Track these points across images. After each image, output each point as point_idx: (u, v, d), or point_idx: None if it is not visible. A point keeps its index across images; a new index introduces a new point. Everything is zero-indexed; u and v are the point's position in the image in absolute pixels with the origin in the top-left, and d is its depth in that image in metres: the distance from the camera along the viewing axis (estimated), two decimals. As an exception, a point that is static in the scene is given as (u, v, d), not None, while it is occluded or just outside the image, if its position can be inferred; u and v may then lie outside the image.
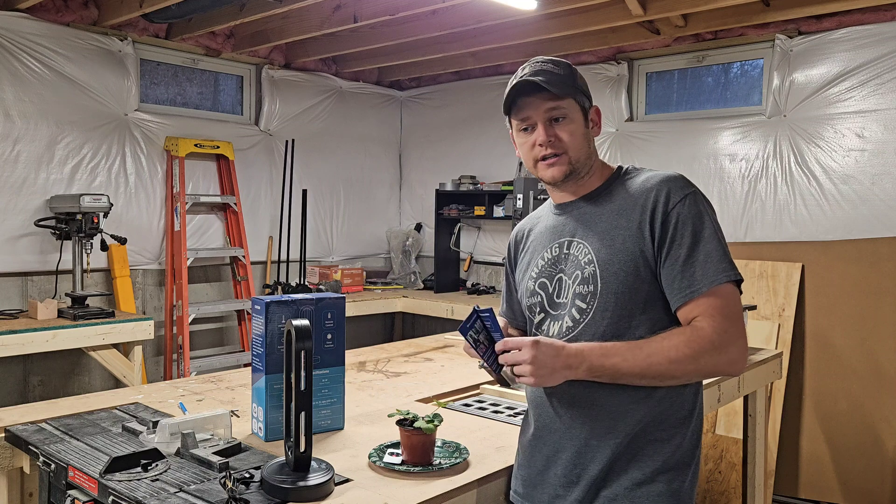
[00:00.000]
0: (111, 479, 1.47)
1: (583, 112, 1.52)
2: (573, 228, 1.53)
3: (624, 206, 1.47)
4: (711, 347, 1.35)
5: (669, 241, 1.40)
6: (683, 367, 1.35)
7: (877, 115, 3.98)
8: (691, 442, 1.47)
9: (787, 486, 3.93)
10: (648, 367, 1.35)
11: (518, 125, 1.53)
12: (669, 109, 4.96)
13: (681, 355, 1.34)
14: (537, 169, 1.52)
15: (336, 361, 1.85)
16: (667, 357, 1.35)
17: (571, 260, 1.50)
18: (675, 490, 1.43)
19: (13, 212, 4.15)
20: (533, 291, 1.57)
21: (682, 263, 1.39)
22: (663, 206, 1.41)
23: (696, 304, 1.38)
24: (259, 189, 5.38)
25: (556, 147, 1.48)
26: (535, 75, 1.47)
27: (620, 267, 1.42)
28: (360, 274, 5.71)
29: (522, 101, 1.49)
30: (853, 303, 3.85)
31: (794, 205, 4.25)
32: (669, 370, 1.35)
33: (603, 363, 1.36)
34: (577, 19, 4.29)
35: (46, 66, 4.25)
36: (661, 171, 1.50)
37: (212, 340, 5.19)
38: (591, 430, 1.45)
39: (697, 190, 1.45)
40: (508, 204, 5.37)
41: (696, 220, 1.40)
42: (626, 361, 1.35)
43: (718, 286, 1.37)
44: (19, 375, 4.28)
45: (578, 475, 1.46)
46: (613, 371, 1.36)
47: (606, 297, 1.43)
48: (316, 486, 1.42)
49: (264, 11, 4.14)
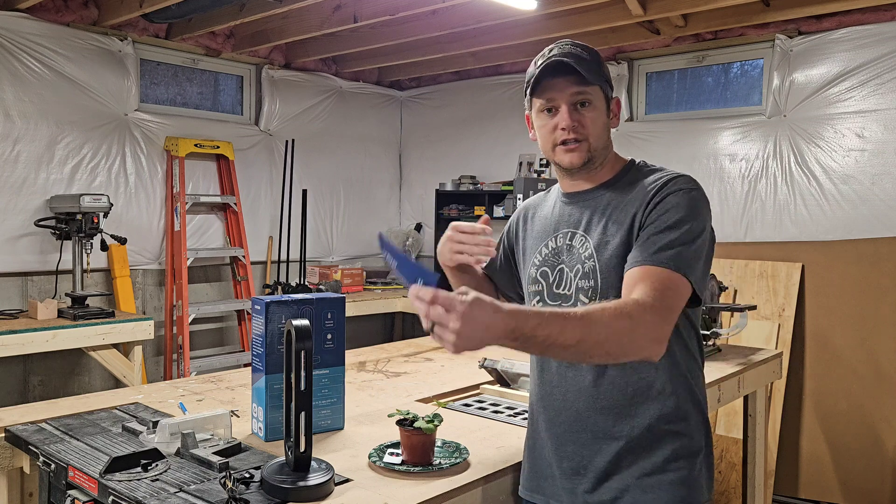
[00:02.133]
0: (111, 479, 1.47)
1: (606, 101, 1.50)
2: (578, 220, 1.52)
3: (626, 200, 1.45)
4: (651, 320, 1.25)
5: (655, 217, 1.38)
6: (619, 340, 1.22)
7: (877, 115, 3.98)
8: (699, 431, 1.47)
9: (787, 486, 3.93)
10: (583, 339, 1.18)
11: (541, 105, 1.48)
12: (669, 109, 4.95)
13: (620, 327, 1.21)
14: (555, 153, 1.49)
15: (336, 361, 1.85)
16: (609, 327, 1.20)
17: (573, 253, 1.50)
18: (685, 478, 1.43)
19: (13, 212, 4.15)
20: (535, 279, 1.57)
21: (651, 235, 1.36)
22: (657, 194, 1.40)
23: (648, 272, 1.31)
24: (259, 189, 5.38)
25: (578, 133, 1.45)
26: (565, 56, 1.44)
27: (618, 262, 1.41)
28: (360, 274, 5.71)
29: (548, 81, 1.45)
30: (853, 303, 3.85)
31: (794, 205, 4.25)
32: (606, 342, 1.20)
33: (536, 333, 1.15)
34: (577, 19, 4.29)
35: (46, 66, 4.25)
36: (674, 171, 1.47)
37: (212, 340, 5.19)
38: (596, 424, 1.45)
39: (701, 192, 1.43)
40: (508, 204, 5.37)
41: (682, 210, 1.37)
42: (563, 331, 1.16)
43: (675, 272, 1.32)
44: (19, 375, 4.28)
45: (585, 467, 1.47)
46: (544, 341, 1.16)
47: (607, 293, 1.42)
48: (316, 486, 1.42)
49: (264, 11, 4.14)
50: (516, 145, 5.52)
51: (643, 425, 1.43)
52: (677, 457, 1.43)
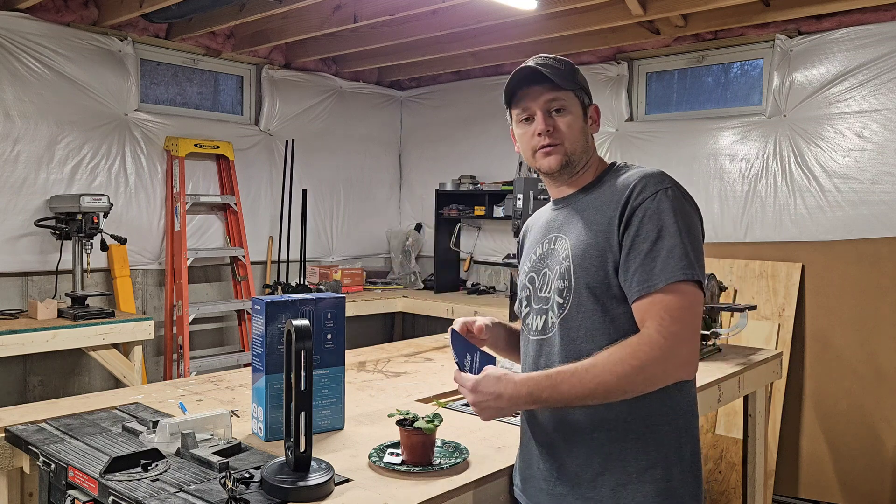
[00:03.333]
0: (111, 479, 1.47)
1: (582, 107, 1.54)
2: (561, 224, 1.55)
3: (603, 201, 1.48)
4: (660, 353, 1.32)
5: (634, 234, 1.39)
6: (631, 380, 1.32)
7: (877, 115, 3.98)
8: (678, 437, 1.44)
9: (787, 486, 3.93)
10: (596, 388, 1.32)
11: (518, 115, 1.54)
12: (669, 109, 4.95)
13: (627, 368, 1.31)
14: (535, 159, 1.54)
15: (336, 361, 1.85)
16: (613, 373, 1.31)
17: (554, 255, 1.53)
18: (665, 489, 1.41)
19: (13, 212, 4.15)
20: (524, 285, 1.61)
21: (643, 257, 1.37)
22: (633, 201, 1.41)
23: (651, 301, 1.35)
24: (259, 189, 5.38)
25: (554, 137, 1.50)
26: (538, 66, 1.50)
27: (591, 262, 1.43)
28: (360, 274, 5.71)
29: (523, 91, 1.52)
30: (853, 303, 3.85)
31: (794, 205, 4.25)
32: (619, 386, 1.32)
33: (543, 390, 1.34)
34: (577, 19, 4.29)
35: (46, 66, 4.25)
36: (643, 168, 1.49)
37: (212, 340, 5.19)
38: (569, 425, 1.45)
39: (674, 186, 1.42)
40: (508, 204, 5.37)
41: (662, 216, 1.38)
42: (572, 387, 1.33)
43: (676, 283, 1.35)
44: (19, 375, 4.28)
45: (558, 469, 1.47)
46: (558, 396, 1.34)
47: (580, 292, 1.44)
48: (316, 486, 1.42)
49: (264, 11, 4.14)
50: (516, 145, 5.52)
51: (617, 427, 1.42)
52: (652, 465, 1.41)
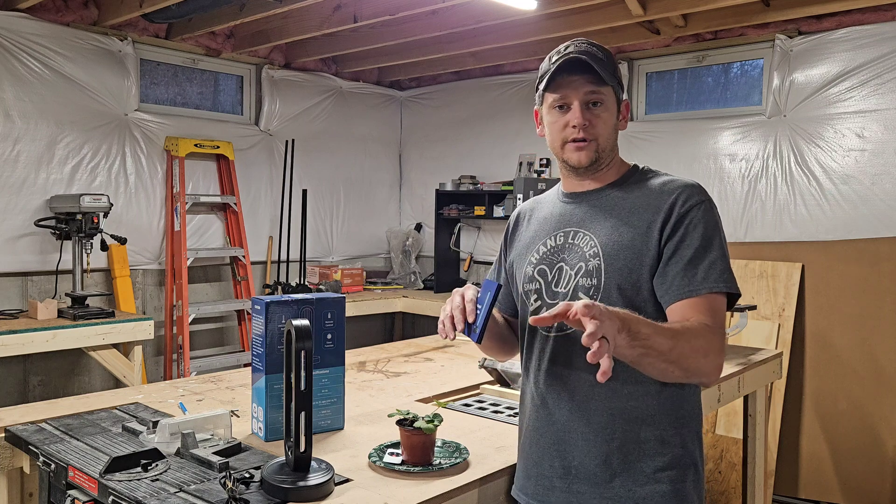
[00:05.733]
0: (111, 479, 1.47)
1: (617, 103, 1.51)
2: (581, 219, 1.52)
3: (638, 204, 1.47)
4: (720, 346, 1.36)
5: (679, 240, 1.40)
6: (696, 359, 1.31)
7: (877, 115, 3.98)
8: (692, 442, 1.47)
9: (787, 486, 3.93)
10: (673, 348, 1.27)
11: (553, 101, 1.48)
12: (669, 109, 4.95)
13: (699, 345, 1.31)
14: (563, 150, 1.50)
15: (336, 361, 1.85)
16: (690, 345, 1.30)
17: (575, 250, 1.49)
18: (679, 490, 1.43)
19: (13, 212, 4.15)
20: (531, 278, 1.56)
21: (687, 262, 1.39)
22: (679, 208, 1.42)
23: (693, 305, 1.37)
24: (259, 189, 5.38)
25: (588, 132, 1.47)
26: (582, 54, 1.44)
27: (625, 263, 1.42)
28: (360, 274, 5.71)
29: (563, 78, 1.45)
30: (853, 303, 3.85)
31: (794, 205, 4.25)
32: (689, 357, 1.30)
33: (640, 329, 1.24)
34: (577, 19, 4.29)
35: (46, 66, 4.25)
36: (682, 177, 1.50)
37: (212, 340, 5.19)
38: (587, 425, 1.45)
39: (712, 201, 1.47)
40: (508, 204, 5.37)
41: (708, 227, 1.41)
42: (658, 335, 1.26)
43: (715, 294, 1.38)
44: (19, 375, 4.28)
45: (577, 467, 1.46)
46: (646, 341, 1.24)
47: (610, 291, 1.42)
48: (316, 486, 1.42)
49: (264, 11, 4.14)
50: (516, 145, 5.52)
51: (634, 428, 1.43)
52: (668, 467, 1.42)
